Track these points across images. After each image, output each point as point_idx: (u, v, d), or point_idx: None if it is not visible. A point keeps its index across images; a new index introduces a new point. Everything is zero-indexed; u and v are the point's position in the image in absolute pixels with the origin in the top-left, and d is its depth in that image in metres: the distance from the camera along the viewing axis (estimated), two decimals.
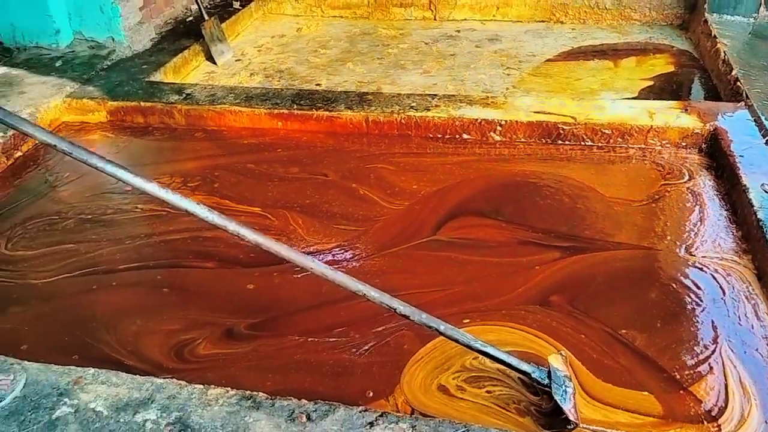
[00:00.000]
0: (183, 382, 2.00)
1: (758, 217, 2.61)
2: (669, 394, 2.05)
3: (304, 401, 1.92)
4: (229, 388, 1.97)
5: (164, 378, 2.03)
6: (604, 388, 2.07)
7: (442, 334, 1.96)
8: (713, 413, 1.97)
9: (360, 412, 1.88)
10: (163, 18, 5.07)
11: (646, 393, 2.05)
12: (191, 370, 2.21)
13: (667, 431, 1.93)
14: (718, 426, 1.93)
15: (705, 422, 1.94)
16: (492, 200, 3.01)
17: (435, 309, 2.36)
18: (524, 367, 1.95)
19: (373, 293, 1.95)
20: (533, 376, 1.94)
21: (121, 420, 1.87)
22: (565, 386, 1.92)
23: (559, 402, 1.87)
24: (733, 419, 1.95)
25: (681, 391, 2.05)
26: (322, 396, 2.00)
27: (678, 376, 2.10)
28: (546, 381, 1.93)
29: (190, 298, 2.55)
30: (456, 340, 1.96)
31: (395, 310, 1.95)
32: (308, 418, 1.87)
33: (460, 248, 2.71)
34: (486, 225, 2.85)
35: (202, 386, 1.98)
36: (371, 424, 1.84)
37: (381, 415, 1.87)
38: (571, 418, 1.86)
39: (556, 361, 2.00)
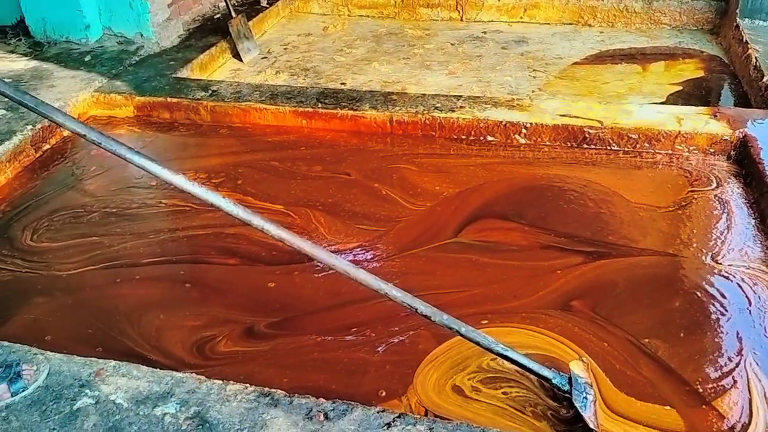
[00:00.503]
0: (202, 377, 2.01)
1: None
2: (692, 409, 2.00)
3: (322, 400, 1.92)
4: (247, 385, 1.98)
5: (184, 372, 2.04)
6: (627, 401, 2.03)
7: (462, 335, 1.95)
8: (736, 430, 1.93)
9: (378, 412, 1.88)
10: (191, 15, 5.11)
11: (668, 408, 2.01)
12: (212, 367, 2.23)
13: None
14: None
15: None
16: (515, 203, 2.98)
17: (454, 309, 2.34)
18: (545, 372, 1.93)
19: (395, 292, 1.95)
20: (554, 381, 1.93)
21: (141, 413, 1.89)
22: (586, 393, 1.90)
23: (579, 409, 1.85)
24: None
25: (704, 406, 2.01)
26: (335, 394, 2.00)
27: (701, 390, 2.06)
28: (567, 387, 1.91)
29: (211, 294, 2.56)
30: (477, 343, 1.95)
31: (416, 310, 1.95)
32: (326, 416, 1.87)
33: (482, 251, 2.70)
34: (508, 228, 2.83)
35: (221, 382, 1.99)
36: (388, 425, 1.84)
37: (398, 417, 1.86)
38: (591, 426, 1.84)
39: (577, 368, 1.98)
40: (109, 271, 2.68)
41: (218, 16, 5.25)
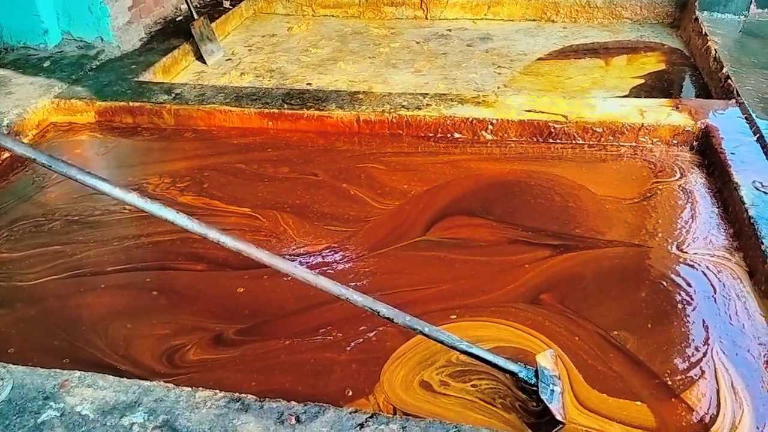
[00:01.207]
0: (170, 385, 1.98)
1: (749, 214, 2.60)
2: (661, 403, 2.01)
3: (293, 403, 1.91)
4: (217, 391, 1.95)
5: (152, 381, 2.00)
6: (599, 398, 2.04)
7: (426, 335, 1.95)
8: (705, 422, 1.94)
9: (350, 413, 1.87)
10: (153, 17, 5.03)
11: (639, 403, 2.02)
12: (182, 375, 2.19)
13: None
14: None
15: None
16: (482, 200, 2.99)
17: (422, 306, 2.38)
18: (511, 367, 1.94)
19: (356, 297, 1.94)
20: (520, 376, 1.93)
21: (108, 423, 1.85)
22: (553, 385, 1.91)
23: (546, 402, 1.86)
24: (725, 429, 1.92)
25: (673, 399, 2.02)
26: (302, 396, 2.00)
27: (670, 382, 2.07)
28: (533, 381, 1.92)
29: (179, 302, 2.52)
30: (441, 341, 1.95)
31: (378, 313, 1.94)
32: (297, 420, 1.85)
33: (450, 248, 2.70)
34: (476, 224, 2.83)
35: (189, 389, 1.96)
36: (361, 425, 1.83)
37: (371, 417, 1.85)
38: (558, 417, 1.85)
39: (544, 360, 1.98)
40: (72, 281, 2.62)
41: (180, 18, 5.18)
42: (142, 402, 1.91)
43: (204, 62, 4.71)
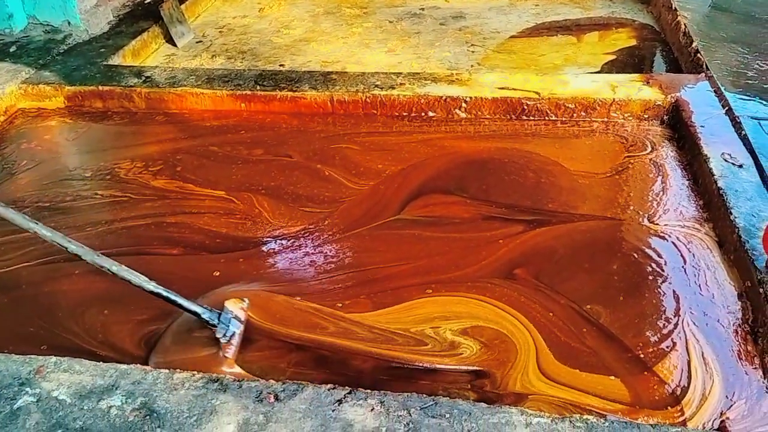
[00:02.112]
0: (148, 367, 1.99)
1: (718, 185, 2.65)
2: (634, 377, 2.04)
3: (272, 381, 1.92)
4: (195, 372, 1.96)
5: (129, 364, 2.00)
6: (573, 374, 2.06)
7: (115, 274, 2.08)
8: (677, 394, 1.98)
9: (328, 390, 1.89)
10: (121, 0, 4.94)
11: (612, 377, 2.04)
12: None
13: (636, 419, 1.88)
14: (681, 409, 1.93)
15: (669, 408, 1.94)
16: (457, 178, 3.00)
17: (397, 280, 2.42)
18: (195, 308, 2.11)
19: (45, 231, 2.06)
20: (203, 317, 2.11)
21: (85, 407, 1.85)
22: (229, 326, 2.12)
23: (219, 338, 2.09)
24: (695, 400, 1.96)
25: (646, 372, 2.05)
26: None
27: (642, 355, 2.11)
28: (215, 321, 2.11)
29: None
30: (129, 281, 2.08)
31: (67, 249, 2.07)
32: (276, 398, 1.86)
33: (425, 226, 2.72)
34: (450, 202, 2.85)
35: (167, 371, 1.96)
36: (339, 401, 1.85)
37: (349, 393, 1.87)
38: (227, 354, 2.09)
39: (231, 305, 2.18)
40: (46, 267, 2.60)
41: (149, 0, 5.09)
42: (119, 385, 1.91)
43: (174, 45, 4.64)
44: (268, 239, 2.68)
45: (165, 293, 2.10)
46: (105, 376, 1.94)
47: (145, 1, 5.07)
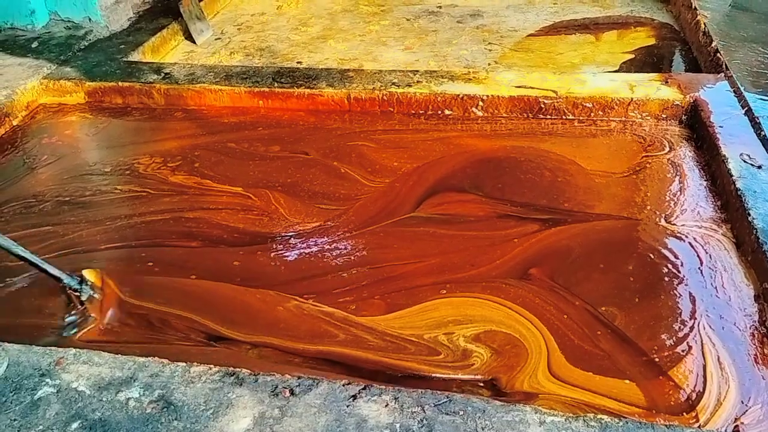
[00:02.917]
0: (165, 360, 2.01)
1: (737, 186, 2.63)
2: (649, 381, 2.02)
3: (287, 376, 1.94)
4: (212, 365, 1.98)
5: (146, 357, 2.03)
6: (586, 377, 2.05)
7: None
8: (692, 399, 1.96)
9: (343, 385, 1.90)
10: None
11: (628, 381, 2.03)
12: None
13: (653, 422, 1.84)
14: (696, 415, 1.91)
15: (684, 414, 1.92)
16: (472, 176, 3.00)
17: (412, 279, 2.43)
18: (57, 273, 2.30)
19: None
20: (64, 281, 2.31)
21: (104, 399, 1.88)
22: (91, 291, 2.37)
23: (82, 299, 2.34)
24: (710, 405, 1.94)
25: (661, 377, 2.03)
26: None
27: (657, 359, 2.09)
28: (77, 286, 2.34)
29: (176, 273, 2.55)
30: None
31: None
32: (292, 392, 1.88)
33: (439, 223, 2.72)
34: (466, 200, 2.85)
35: (184, 364, 1.99)
36: (354, 397, 1.86)
37: (364, 388, 1.89)
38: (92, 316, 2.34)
39: (89, 274, 2.40)
40: (66, 258, 2.63)
41: None
42: (137, 377, 1.94)
43: (193, 42, 4.68)
44: (285, 235, 2.70)
45: (32, 258, 2.24)
46: (123, 369, 1.97)
47: None
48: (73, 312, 2.36)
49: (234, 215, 2.83)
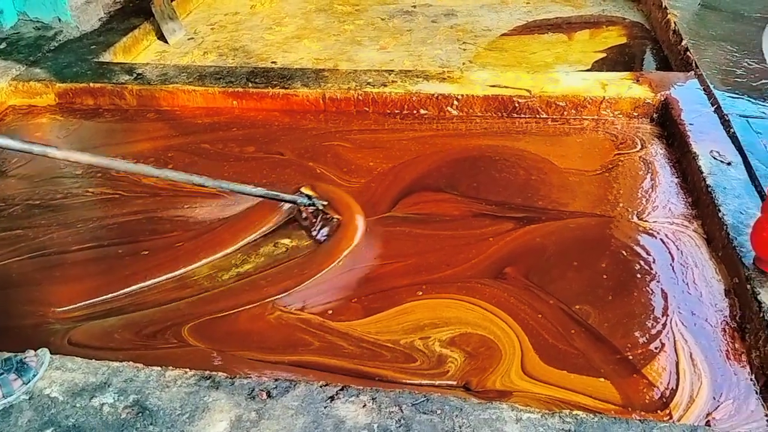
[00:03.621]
0: (140, 365, 1.99)
1: (707, 183, 2.67)
2: (624, 379, 2.04)
3: (264, 378, 1.93)
4: (187, 369, 1.96)
5: (121, 362, 2.00)
6: (560, 375, 2.06)
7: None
8: (665, 397, 1.98)
9: (321, 386, 1.90)
10: None
11: (602, 380, 2.04)
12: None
13: (628, 418, 1.86)
14: (669, 413, 1.93)
15: (658, 411, 1.94)
16: (447, 175, 3.01)
17: (389, 280, 2.41)
18: (290, 197, 2.70)
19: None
20: (298, 202, 2.70)
21: (78, 405, 1.85)
22: (317, 203, 2.73)
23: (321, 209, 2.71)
24: (683, 402, 1.96)
25: (635, 375, 2.05)
26: None
27: (631, 357, 2.11)
28: (310, 202, 2.70)
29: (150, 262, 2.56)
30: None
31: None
32: (269, 395, 1.87)
33: (415, 223, 2.73)
34: (441, 200, 2.86)
35: (159, 368, 1.97)
36: (332, 398, 1.86)
37: (342, 389, 1.89)
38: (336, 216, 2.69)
39: (305, 189, 2.77)
40: (37, 260, 2.60)
41: None
42: (111, 383, 1.92)
43: (166, 42, 4.63)
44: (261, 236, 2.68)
45: (263, 192, 2.62)
46: (97, 374, 1.95)
47: None
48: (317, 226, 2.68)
49: (210, 215, 2.81)
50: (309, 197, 2.71)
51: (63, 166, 3.18)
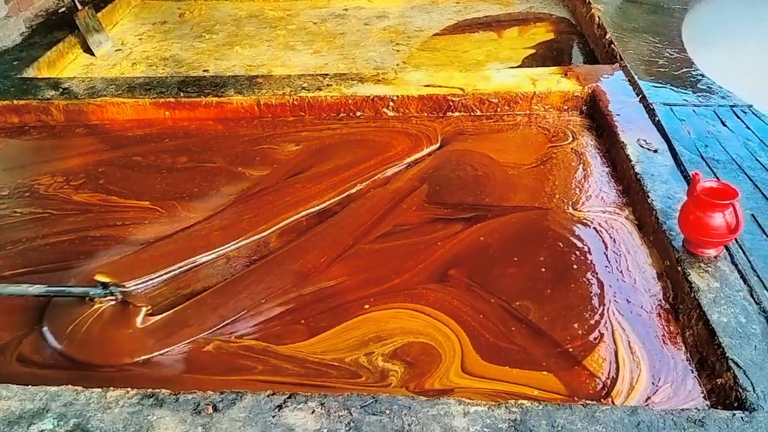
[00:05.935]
0: (79, 388, 1.92)
1: (636, 170, 2.76)
2: (566, 372, 2.07)
3: (209, 392, 1.89)
4: (129, 388, 1.91)
5: (59, 386, 1.94)
6: (502, 371, 2.08)
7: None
8: (607, 386, 2.02)
9: (268, 396, 1.87)
10: (33, 10, 4.76)
11: (545, 373, 2.07)
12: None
13: (571, 404, 1.87)
14: (611, 401, 1.97)
15: (602, 400, 1.97)
16: None
17: (336, 297, 2.38)
18: (82, 290, 2.40)
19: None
20: (90, 294, 2.39)
21: None
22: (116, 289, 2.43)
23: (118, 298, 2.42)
24: (623, 390, 2.00)
25: (576, 367, 2.08)
26: None
27: (571, 349, 2.14)
28: (104, 292, 2.39)
29: None
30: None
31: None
32: (215, 408, 1.84)
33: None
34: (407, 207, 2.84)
35: (100, 389, 1.91)
36: (279, 406, 1.84)
37: (289, 397, 1.87)
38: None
39: (101, 277, 2.43)
40: None
41: (63, 9, 4.91)
42: (50, 408, 1.85)
43: (92, 54, 4.51)
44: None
45: (54, 290, 2.36)
46: (34, 400, 1.88)
47: (60, 11, 4.90)
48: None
49: (142, 230, 2.75)
50: (105, 285, 2.40)
51: None
